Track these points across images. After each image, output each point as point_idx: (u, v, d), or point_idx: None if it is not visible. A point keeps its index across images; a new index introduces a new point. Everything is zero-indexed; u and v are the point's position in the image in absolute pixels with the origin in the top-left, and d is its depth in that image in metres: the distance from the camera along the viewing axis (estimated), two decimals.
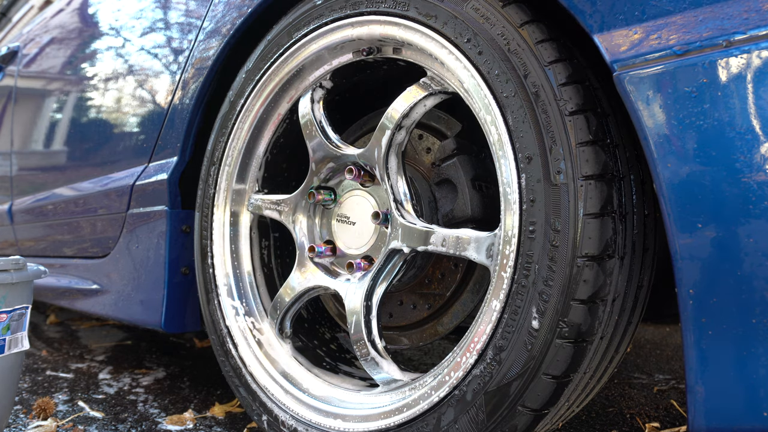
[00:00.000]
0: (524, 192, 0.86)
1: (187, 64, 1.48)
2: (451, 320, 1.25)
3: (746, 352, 0.70)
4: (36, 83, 2.37)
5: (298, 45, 1.19)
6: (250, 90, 1.27)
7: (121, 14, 1.87)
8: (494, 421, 0.89)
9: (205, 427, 1.43)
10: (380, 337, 1.10)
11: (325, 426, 1.10)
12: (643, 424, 1.45)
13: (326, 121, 1.21)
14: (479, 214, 1.09)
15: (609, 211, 0.81)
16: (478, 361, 0.91)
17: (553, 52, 0.85)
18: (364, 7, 1.08)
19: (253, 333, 1.29)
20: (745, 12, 0.69)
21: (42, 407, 1.46)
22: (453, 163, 1.12)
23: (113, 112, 1.83)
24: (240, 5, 1.32)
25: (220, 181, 1.33)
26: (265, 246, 1.39)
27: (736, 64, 0.68)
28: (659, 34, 0.74)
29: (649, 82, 0.74)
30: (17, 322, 1.15)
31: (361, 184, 1.17)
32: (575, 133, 0.82)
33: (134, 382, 1.79)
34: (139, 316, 1.54)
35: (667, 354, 2.21)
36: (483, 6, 0.92)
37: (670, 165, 0.73)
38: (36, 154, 2.30)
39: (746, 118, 0.68)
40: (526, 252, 0.86)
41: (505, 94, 0.88)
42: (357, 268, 1.15)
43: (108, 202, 1.69)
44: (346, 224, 1.21)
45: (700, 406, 0.73)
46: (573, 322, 0.81)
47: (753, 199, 0.68)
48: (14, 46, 2.52)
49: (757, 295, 0.69)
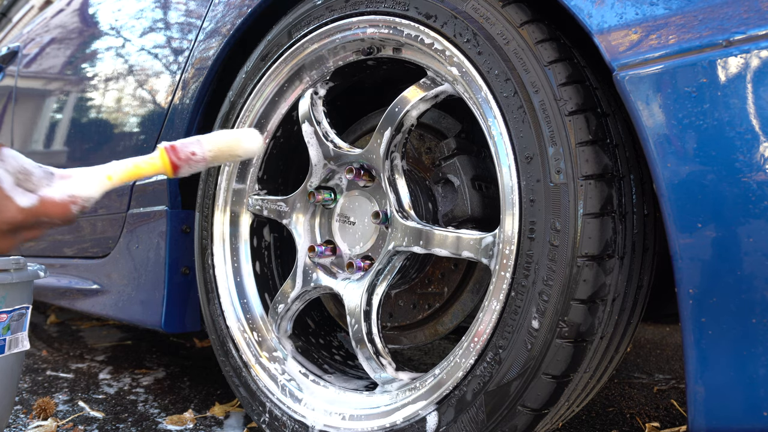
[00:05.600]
0: (524, 192, 0.86)
1: (188, 64, 1.48)
2: (451, 320, 1.25)
3: (746, 352, 0.70)
4: (36, 83, 2.37)
5: (298, 45, 1.19)
6: (250, 90, 1.27)
7: (121, 14, 1.87)
8: (494, 421, 0.89)
9: (205, 427, 1.43)
10: (380, 337, 1.10)
11: (325, 425, 1.10)
12: (643, 424, 1.45)
13: (326, 120, 1.21)
14: (479, 214, 1.09)
15: (609, 210, 0.81)
16: (478, 360, 0.91)
17: (553, 52, 0.85)
18: (363, 7, 1.08)
19: (253, 333, 1.29)
20: (745, 12, 0.69)
21: (42, 407, 1.46)
22: (453, 163, 1.12)
23: (114, 112, 1.83)
24: (240, 5, 1.32)
25: (220, 181, 1.33)
26: (265, 246, 1.39)
27: (735, 63, 0.69)
28: (659, 34, 0.74)
29: (648, 82, 0.74)
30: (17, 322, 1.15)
31: (361, 185, 1.17)
32: (575, 132, 0.82)
33: (134, 382, 1.79)
34: (139, 316, 1.54)
35: (667, 354, 2.21)
36: (483, 6, 0.92)
37: (670, 165, 0.73)
38: (36, 154, 2.30)
39: (746, 118, 0.68)
40: (526, 252, 0.86)
41: (504, 94, 0.88)
42: (357, 268, 1.15)
43: (108, 202, 1.69)
44: (346, 224, 1.21)
45: (700, 405, 0.73)
46: (573, 321, 0.81)
47: (753, 199, 0.68)
48: (14, 46, 2.52)
49: (756, 294, 0.69)
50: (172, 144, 0.81)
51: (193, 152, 0.81)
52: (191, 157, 0.81)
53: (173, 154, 0.80)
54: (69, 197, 0.70)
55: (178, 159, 0.80)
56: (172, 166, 0.80)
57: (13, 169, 0.66)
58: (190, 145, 0.81)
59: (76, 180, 0.73)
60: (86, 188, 0.73)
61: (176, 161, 0.80)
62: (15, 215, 0.63)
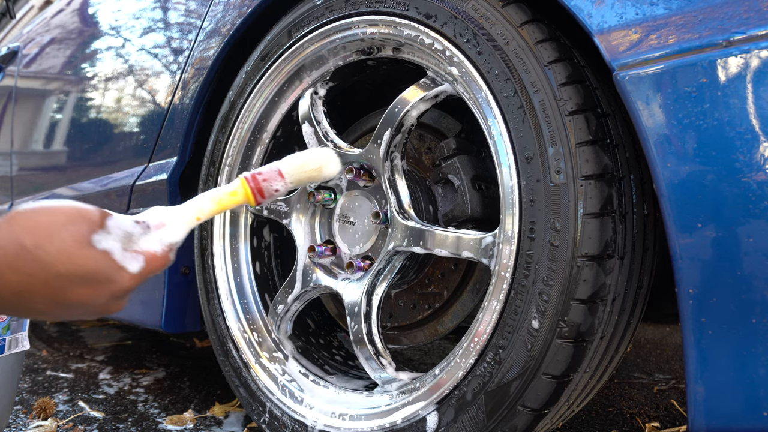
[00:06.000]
0: (524, 192, 0.86)
1: (187, 64, 1.48)
2: (451, 320, 1.25)
3: (746, 352, 0.70)
4: (36, 83, 2.37)
5: (298, 45, 1.19)
6: (250, 90, 1.27)
7: (121, 14, 1.87)
8: (494, 421, 0.89)
9: (205, 427, 1.43)
10: (380, 337, 1.10)
11: (325, 425, 1.10)
12: (643, 424, 1.45)
13: (326, 120, 1.21)
14: (479, 213, 1.09)
15: (609, 210, 0.81)
16: (478, 360, 0.91)
17: (553, 52, 0.85)
18: (363, 6, 1.08)
19: (254, 333, 1.29)
20: (745, 12, 0.69)
21: (42, 407, 1.46)
22: (453, 163, 1.12)
23: (113, 112, 1.83)
24: (240, 5, 1.32)
25: (221, 181, 1.33)
26: (265, 246, 1.39)
27: (735, 63, 0.69)
28: (659, 34, 0.74)
29: (648, 82, 0.74)
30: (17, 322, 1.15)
31: (362, 185, 1.17)
32: (575, 132, 0.82)
33: (134, 382, 1.79)
34: (139, 316, 1.54)
35: (667, 354, 2.21)
36: (483, 6, 0.92)
37: (670, 165, 0.73)
38: (36, 154, 2.30)
39: (746, 118, 0.68)
40: (526, 252, 0.86)
41: (504, 94, 0.88)
42: (357, 268, 1.15)
43: (108, 202, 1.69)
44: (346, 224, 1.21)
45: (700, 405, 0.73)
46: (573, 321, 0.81)
47: (753, 199, 0.68)
48: (14, 46, 2.52)
49: (757, 294, 0.69)
50: (252, 174, 0.81)
51: (277, 189, 0.82)
52: (274, 193, 0.82)
53: (254, 184, 0.80)
54: (167, 247, 0.73)
55: (260, 195, 0.81)
56: (255, 199, 0.81)
57: (119, 237, 0.68)
58: (273, 181, 0.81)
59: (169, 227, 0.75)
60: (179, 233, 0.75)
61: (259, 197, 0.81)
62: (129, 284, 0.66)
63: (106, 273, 0.65)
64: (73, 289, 0.63)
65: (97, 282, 0.65)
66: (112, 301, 0.68)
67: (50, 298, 0.63)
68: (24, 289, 0.62)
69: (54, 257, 0.62)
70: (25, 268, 0.61)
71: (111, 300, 0.68)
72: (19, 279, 0.61)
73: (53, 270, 0.62)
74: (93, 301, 0.66)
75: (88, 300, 0.65)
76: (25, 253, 0.61)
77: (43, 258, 0.61)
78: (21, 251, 0.61)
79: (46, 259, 0.61)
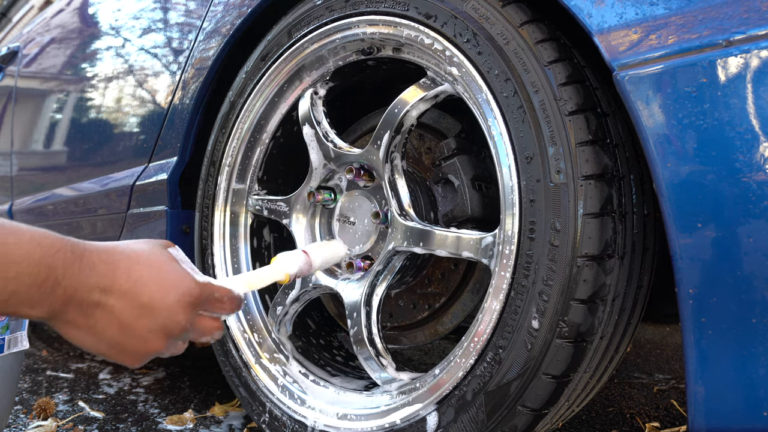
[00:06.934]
0: (524, 192, 0.86)
1: (187, 64, 1.48)
2: (451, 320, 1.25)
3: (746, 352, 0.70)
4: (36, 83, 2.37)
5: (298, 45, 1.19)
6: (250, 90, 1.27)
7: (121, 14, 1.87)
8: (494, 421, 0.89)
9: (205, 427, 1.43)
10: (380, 337, 1.10)
11: (325, 425, 1.10)
12: (643, 424, 1.45)
13: (326, 121, 1.21)
14: (479, 214, 1.09)
15: (609, 210, 0.81)
16: (478, 360, 0.91)
17: (553, 52, 0.85)
18: (363, 6, 1.08)
19: (254, 333, 1.29)
20: (745, 12, 0.69)
21: (42, 407, 1.46)
22: (453, 163, 1.12)
23: (113, 112, 1.83)
24: (240, 5, 1.32)
25: (220, 181, 1.33)
26: (265, 246, 1.39)
27: (735, 63, 0.68)
28: (659, 34, 0.74)
29: (648, 82, 0.74)
30: (17, 321, 1.15)
31: (362, 185, 1.17)
32: (575, 132, 0.82)
33: (134, 382, 1.79)
34: None
35: (667, 354, 2.21)
36: (483, 6, 0.91)
37: (670, 165, 0.73)
38: (36, 154, 2.30)
39: (746, 118, 0.68)
40: (526, 252, 0.86)
41: (504, 94, 0.88)
42: (357, 268, 1.15)
43: (108, 202, 1.69)
44: (346, 224, 1.21)
45: (700, 405, 0.73)
46: (573, 321, 0.81)
47: (753, 199, 0.68)
48: (14, 46, 2.52)
49: (757, 294, 0.69)
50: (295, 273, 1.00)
51: (308, 280, 1.17)
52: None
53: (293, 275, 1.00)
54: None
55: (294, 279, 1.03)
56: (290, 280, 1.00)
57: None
58: (305, 273, 1.04)
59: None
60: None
61: (293, 279, 1.02)
62: (193, 286, 0.72)
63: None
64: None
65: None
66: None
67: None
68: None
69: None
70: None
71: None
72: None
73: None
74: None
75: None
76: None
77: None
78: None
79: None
